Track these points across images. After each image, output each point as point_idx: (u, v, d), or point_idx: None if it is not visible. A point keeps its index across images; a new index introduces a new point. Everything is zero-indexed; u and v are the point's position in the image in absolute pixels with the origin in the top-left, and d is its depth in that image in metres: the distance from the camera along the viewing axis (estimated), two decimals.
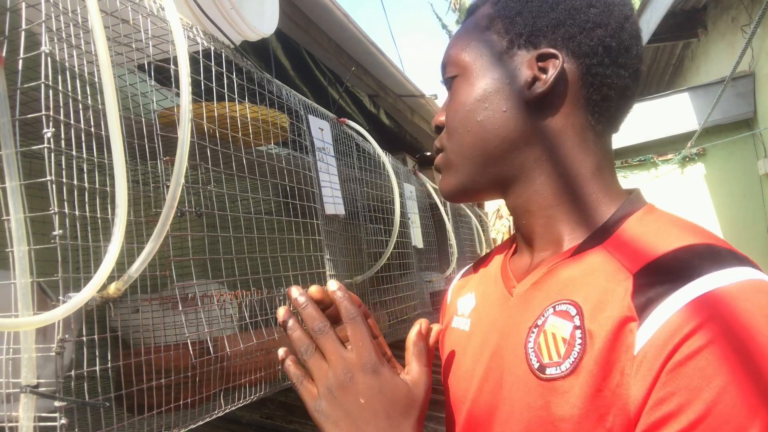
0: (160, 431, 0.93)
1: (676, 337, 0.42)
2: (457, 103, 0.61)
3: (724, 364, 0.40)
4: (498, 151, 0.59)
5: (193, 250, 1.00)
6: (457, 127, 0.61)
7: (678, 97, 4.84)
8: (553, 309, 0.52)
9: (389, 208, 1.92)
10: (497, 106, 0.58)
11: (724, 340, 0.40)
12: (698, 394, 0.40)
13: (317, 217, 1.44)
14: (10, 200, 0.69)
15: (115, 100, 0.74)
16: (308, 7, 2.21)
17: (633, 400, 0.43)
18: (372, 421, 0.52)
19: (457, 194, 0.64)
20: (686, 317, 0.42)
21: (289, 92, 1.48)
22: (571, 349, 0.48)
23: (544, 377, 0.49)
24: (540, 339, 0.51)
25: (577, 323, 0.49)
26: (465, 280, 0.75)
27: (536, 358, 0.51)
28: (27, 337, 0.71)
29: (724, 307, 0.41)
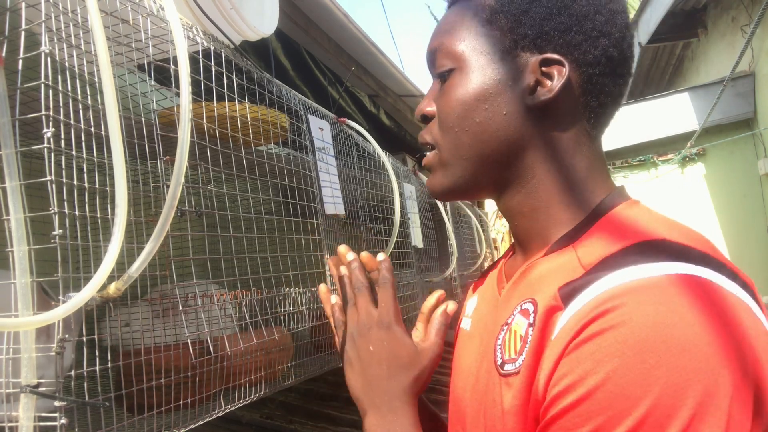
0: (160, 431, 0.93)
1: (581, 322, 0.43)
2: (453, 99, 0.58)
3: (616, 351, 0.40)
4: (495, 153, 0.57)
5: (193, 250, 1.00)
6: (452, 125, 0.59)
7: (678, 97, 4.84)
8: (519, 307, 0.54)
9: (389, 208, 1.92)
10: (497, 108, 0.56)
11: (622, 328, 0.41)
12: (584, 378, 0.42)
13: (317, 217, 1.44)
14: (10, 200, 0.69)
15: (115, 100, 0.74)
16: (308, 7, 2.21)
17: (541, 382, 0.46)
18: (375, 367, 0.61)
19: (447, 194, 0.63)
20: (595, 305, 0.43)
21: (289, 92, 1.48)
22: (524, 346, 0.50)
23: (503, 373, 0.52)
24: (506, 336, 0.53)
25: (531, 320, 0.50)
26: (477, 283, 0.76)
27: (500, 355, 0.53)
28: (27, 337, 0.71)
29: (630, 298, 0.42)
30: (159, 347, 1.11)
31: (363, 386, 0.62)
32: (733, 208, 4.70)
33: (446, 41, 0.60)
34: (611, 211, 0.54)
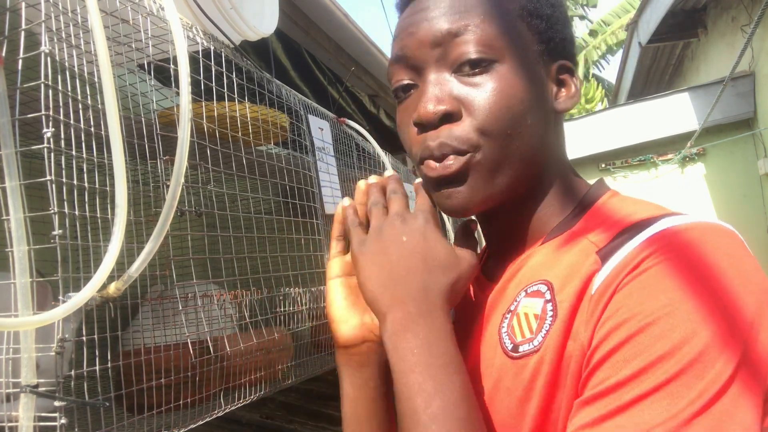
0: (160, 431, 0.93)
1: (627, 267, 0.44)
2: (506, 95, 0.51)
3: (670, 280, 0.41)
4: (536, 158, 0.55)
5: (193, 250, 1.00)
6: (505, 126, 0.51)
7: (678, 97, 4.84)
8: (525, 292, 0.53)
9: None
10: (542, 111, 0.54)
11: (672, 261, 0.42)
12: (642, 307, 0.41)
13: (317, 216, 1.44)
14: (10, 200, 0.69)
15: (115, 100, 0.74)
16: (308, 7, 2.21)
17: (588, 333, 0.44)
18: (407, 258, 0.50)
19: (480, 207, 0.54)
20: (638, 251, 0.44)
21: (289, 92, 1.48)
22: (543, 322, 0.49)
23: (518, 355, 0.49)
24: (513, 322, 0.52)
25: (548, 297, 0.50)
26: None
27: (509, 339, 0.51)
28: (27, 337, 0.71)
29: (673, 237, 0.44)
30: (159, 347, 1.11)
31: (387, 280, 0.50)
32: (733, 208, 4.70)
33: (483, 26, 0.51)
34: (599, 200, 0.56)
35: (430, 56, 0.53)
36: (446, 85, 0.52)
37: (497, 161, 0.52)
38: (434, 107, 0.51)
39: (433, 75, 0.53)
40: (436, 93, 0.52)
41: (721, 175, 4.81)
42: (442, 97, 0.51)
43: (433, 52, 0.52)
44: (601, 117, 5.17)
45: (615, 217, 0.52)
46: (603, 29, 10.51)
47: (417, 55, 0.53)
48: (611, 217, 0.52)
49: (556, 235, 0.55)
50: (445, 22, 0.52)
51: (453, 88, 0.52)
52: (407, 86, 0.55)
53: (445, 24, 0.51)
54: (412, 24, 0.54)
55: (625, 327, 0.41)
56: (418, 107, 0.52)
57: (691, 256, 0.42)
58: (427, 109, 0.51)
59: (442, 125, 0.52)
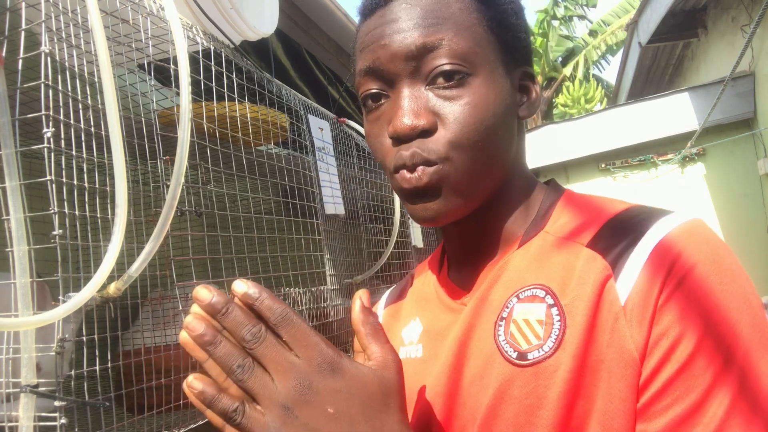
0: (160, 431, 0.93)
1: (657, 281, 0.45)
2: (480, 109, 0.51)
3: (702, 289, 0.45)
4: (504, 169, 0.56)
5: (193, 250, 1.00)
6: (477, 139, 0.51)
7: (678, 97, 4.84)
8: (516, 298, 0.52)
9: (389, 208, 1.92)
10: (510, 121, 0.55)
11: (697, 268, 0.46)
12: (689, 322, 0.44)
13: (317, 216, 1.44)
14: (10, 200, 0.69)
15: (115, 100, 0.74)
16: (308, 7, 2.21)
17: (636, 345, 0.45)
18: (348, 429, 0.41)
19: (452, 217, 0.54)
20: (657, 262, 0.46)
21: (289, 92, 1.48)
22: (550, 328, 0.48)
23: (527, 363, 0.48)
24: (511, 329, 0.51)
25: (551, 302, 0.50)
26: (395, 308, 0.69)
27: (512, 348, 0.50)
28: (27, 337, 0.71)
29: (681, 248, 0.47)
30: (159, 347, 1.11)
31: None
32: (733, 208, 4.70)
33: (456, 40, 0.51)
34: (560, 199, 0.58)
35: (404, 69, 0.52)
36: (421, 99, 0.52)
37: (469, 173, 0.52)
38: (411, 122, 0.50)
39: (407, 88, 0.52)
40: (413, 107, 0.51)
41: (721, 175, 4.81)
42: (419, 111, 0.51)
43: (408, 65, 0.52)
44: (601, 117, 5.17)
45: (587, 212, 0.55)
46: (603, 29, 10.51)
47: (390, 68, 0.52)
48: (582, 212, 0.55)
49: (530, 237, 0.56)
50: (420, 35, 0.51)
51: (428, 101, 0.52)
52: (377, 95, 0.54)
53: (420, 38, 0.51)
54: (384, 36, 0.53)
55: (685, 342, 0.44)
56: (394, 120, 0.51)
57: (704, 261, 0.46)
58: (405, 123, 0.51)
59: (417, 139, 0.51)
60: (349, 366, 0.43)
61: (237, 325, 0.41)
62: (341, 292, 1.60)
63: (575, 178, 5.23)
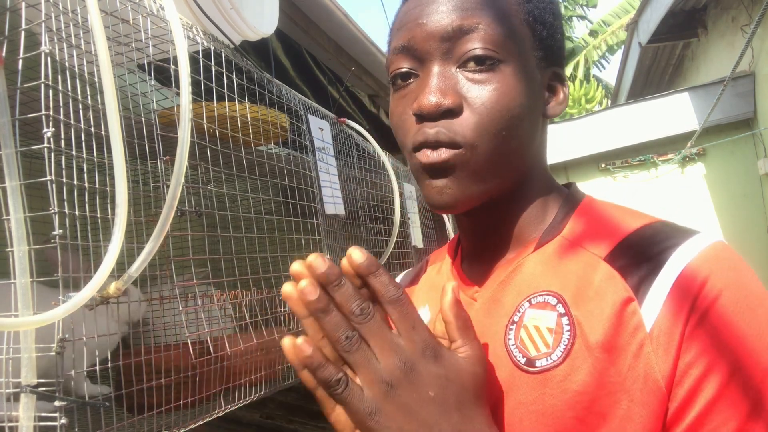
0: (160, 431, 0.93)
1: (683, 311, 0.45)
2: (508, 96, 0.51)
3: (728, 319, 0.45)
4: (524, 163, 0.56)
5: (193, 250, 1.00)
6: (502, 127, 0.51)
7: (678, 97, 4.83)
8: (528, 303, 0.52)
9: (389, 208, 1.92)
10: (536, 115, 0.56)
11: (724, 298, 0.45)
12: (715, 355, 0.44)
13: (317, 217, 1.44)
14: (10, 200, 0.69)
15: (115, 100, 0.74)
16: (308, 7, 2.21)
17: (663, 374, 0.45)
18: (441, 418, 0.41)
19: (466, 204, 0.53)
20: (682, 292, 0.45)
21: (289, 92, 1.48)
22: (560, 336, 0.48)
23: (535, 370, 0.48)
24: (521, 334, 0.51)
25: (561, 311, 0.49)
26: (410, 291, 0.70)
27: (521, 353, 0.50)
28: (27, 337, 0.71)
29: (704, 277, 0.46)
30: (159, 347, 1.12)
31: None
32: (733, 208, 4.69)
33: (494, 26, 0.51)
34: (581, 204, 0.58)
35: (438, 49, 0.52)
36: (450, 79, 0.52)
37: (489, 160, 0.51)
38: (437, 100, 0.50)
39: (437, 67, 0.52)
40: (440, 86, 0.51)
41: (721, 175, 4.81)
42: (446, 91, 0.51)
43: (441, 46, 0.52)
44: (601, 117, 5.17)
45: (606, 223, 0.54)
46: (603, 29, 10.51)
47: (424, 47, 0.52)
48: (602, 222, 0.55)
49: (546, 241, 0.55)
50: (457, 17, 0.51)
51: (457, 82, 0.52)
52: (407, 74, 0.54)
53: (457, 19, 0.51)
54: (422, 15, 0.53)
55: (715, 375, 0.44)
56: (421, 97, 0.51)
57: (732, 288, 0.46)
58: (430, 101, 0.50)
59: (441, 119, 0.51)
60: (448, 355, 0.44)
61: (348, 298, 0.41)
62: None
63: (575, 178, 5.22)
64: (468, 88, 0.51)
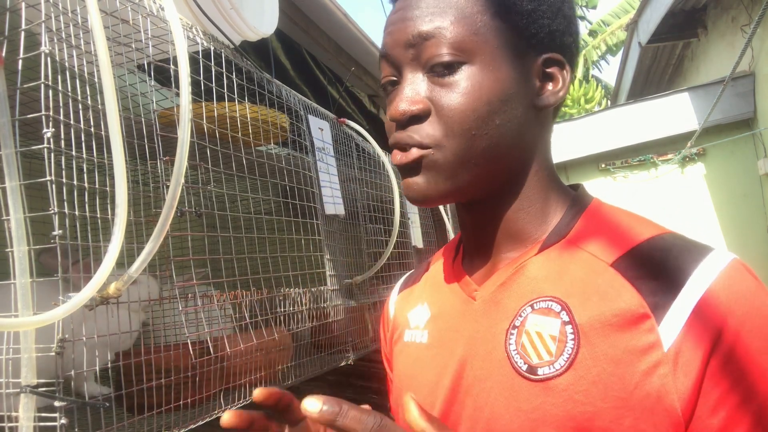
0: (160, 431, 0.93)
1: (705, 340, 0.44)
2: (472, 98, 0.51)
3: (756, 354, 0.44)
4: (507, 158, 0.54)
5: (193, 250, 1.00)
6: (469, 127, 0.51)
7: (678, 97, 4.83)
8: (531, 308, 0.51)
9: (389, 208, 1.92)
10: (515, 110, 0.54)
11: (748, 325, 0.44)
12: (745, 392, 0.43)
13: (317, 217, 1.44)
14: (10, 200, 0.69)
15: (115, 100, 0.74)
16: (308, 7, 2.21)
17: (680, 397, 0.44)
18: None
19: (440, 199, 0.55)
20: (705, 320, 0.44)
21: (289, 92, 1.48)
22: (563, 345, 0.48)
23: (536, 378, 0.48)
24: (523, 340, 0.50)
25: (565, 318, 0.49)
26: (408, 292, 0.70)
27: (522, 360, 0.49)
28: (27, 337, 0.71)
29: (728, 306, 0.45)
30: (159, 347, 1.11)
31: None
32: (733, 208, 4.69)
33: (451, 28, 0.52)
34: (588, 207, 0.57)
35: (405, 56, 0.54)
36: (419, 86, 0.54)
37: (458, 158, 0.52)
38: (405, 107, 0.53)
39: (409, 75, 0.54)
40: (408, 94, 0.53)
41: (721, 175, 4.81)
42: (414, 98, 0.53)
43: (408, 53, 0.54)
44: (601, 117, 5.17)
45: (615, 228, 0.53)
46: (603, 29, 10.51)
47: (395, 54, 0.55)
48: (610, 227, 0.54)
49: (551, 244, 0.55)
50: (420, 23, 0.53)
51: (425, 89, 0.53)
52: (393, 81, 0.57)
53: (418, 26, 0.53)
54: (394, 23, 0.55)
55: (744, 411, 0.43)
56: (391, 106, 0.54)
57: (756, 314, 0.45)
58: (398, 109, 0.53)
59: (410, 124, 0.54)
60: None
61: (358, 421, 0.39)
62: (341, 292, 1.60)
63: (575, 178, 5.22)
64: (436, 93, 0.53)
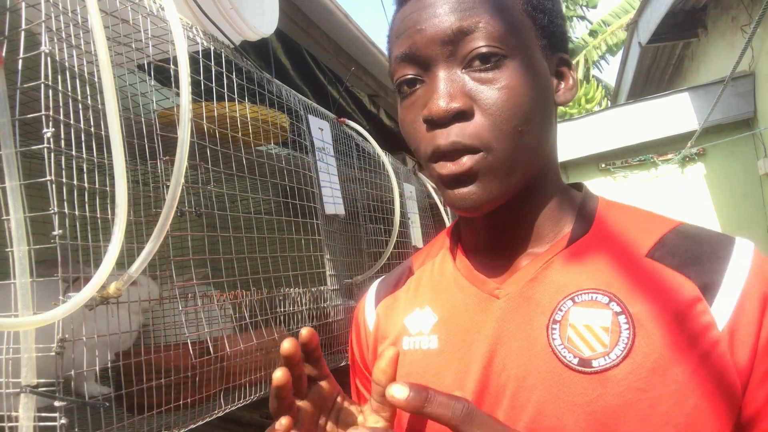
0: (160, 431, 0.93)
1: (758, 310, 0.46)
2: (517, 92, 0.50)
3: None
4: (543, 155, 0.55)
5: (193, 250, 0.99)
6: (517, 124, 0.50)
7: (678, 97, 4.83)
8: (572, 301, 0.50)
9: (389, 208, 1.92)
10: (549, 106, 0.54)
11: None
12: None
13: (317, 217, 1.44)
14: (10, 200, 0.69)
15: (115, 100, 0.74)
16: (308, 7, 2.21)
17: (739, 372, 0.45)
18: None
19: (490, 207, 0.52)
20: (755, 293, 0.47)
21: (289, 92, 1.48)
22: (617, 335, 0.47)
23: (591, 370, 0.47)
24: (569, 334, 0.49)
25: (617, 309, 0.49)
26: (393, 299, 0.67)
27: (572, 354, 0.48)
28: (27, 337, 0.71)
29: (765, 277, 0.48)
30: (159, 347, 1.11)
31: None
32: (733, 208, 4.70)
33: (494, 23, 0.50)
34: (600, 201, 0.59)
35: (441, 53, 0.51)
36: (458, 82, 0.51)
37: (509, 159, 0.50)
38: (447, 104, 0.49)
39: (443, 71, 0.51)
40: (449, 89, 0.50)
41: (721, 175, 4.81)
42: (455, 94, 0.50)
43: (444, 49, 0.51)
44: (601, 117, 5.17)
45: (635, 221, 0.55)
46: (603, 29, 10.51)
47: (426, 52, 0.52)
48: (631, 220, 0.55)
49: (577, 239, 0.55)
50: (456, 19, 0.50)
51: (464, 84, 0.51)
52: (413, 80, 0.54)
53: (456, 21, 0.50)
54: (420, 21, 0.52)
55: None
56: (429, 104, 0.50)
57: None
58: (440, 105, 0.49)
59: (453, 123, 0.50)
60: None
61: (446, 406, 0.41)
62: (341, 292, 1.60)
63: (575, 178, 5.22)
64: (477, 88, 0.50)
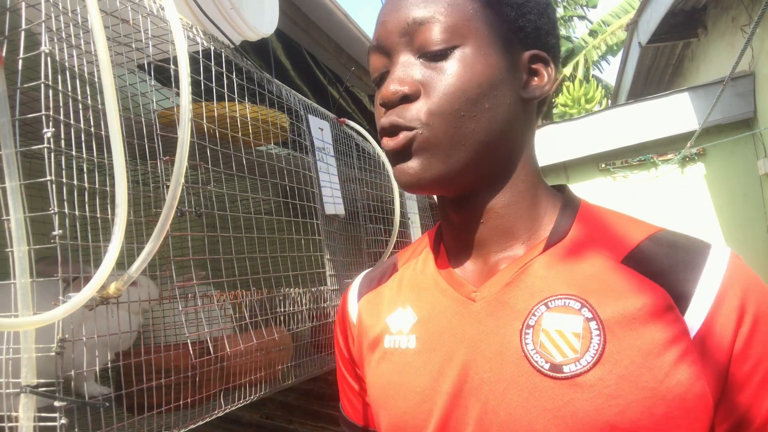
0: (160, 431, 0.93)
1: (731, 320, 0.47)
2: (464, 79, 0.53)
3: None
4: (494, 144, 0.55)
5: (193, 250, 1.00)
6: (459, 108, 0.53)
7: (678, 97, 4.83)
8: (545, 306, 0.51)
9: (389, 208, 1.92)
10: (504, 96, 0.55)
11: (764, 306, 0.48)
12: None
13: (317, 217, 1.44)
14: (10, 200, 0.69)
15: (115, 100, 0.74)
16: (308, 7, 2.21)
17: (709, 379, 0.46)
18: None
19: (433, 183, 0.55)
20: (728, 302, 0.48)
21: (289, 92, 1.48)
22: (588, 341, 0.48)
23: (562, 376, 0.48)
24: (542, 338, 0.50)
25: (588, 315, 0.49)
26: (375, 294, 0.68)
27: (543, 359, 0.49)
28: (27, 337, 0.71)
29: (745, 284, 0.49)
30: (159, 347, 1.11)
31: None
32: (733, 208, 4.69)
33: (447, 14, 0.54)
34: (581, 205, 0.59)
35: (399, 42, 0.56)
36: (410, 68, 0.55)
37: (447, 137, 0.53)
38: (395, 88, 0.54)
39: (401, 59, 0.56)
40: (400, 75, 0.55)
41: (721, 175, 4.81)
42: (405, 79, 0.54)
43: (402, 39, 0.55)
44: (601, 117, 5.17)
45: (614, 226, 0.55)
46: (603, 29, 10.51)
47: (387, 42, 0.57)
48: (609, 226, 0.55)
49: (554, 243, 0.55)
50: (414, 10, 0.55)
51: (416, 71, 0.55)
52: (383, 75, 0.58)
53: (412, 13, 0.55)
54: (386, 14, 0.57)
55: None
56: (382, 88, 0.56)
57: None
58: (389, 89, 0.54)
59: (401, 104, 0.54)
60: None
61: None
62: (341, 292, 1.60)
63: (575, 178, 5.22)
64: (427, 75, 0.54)
